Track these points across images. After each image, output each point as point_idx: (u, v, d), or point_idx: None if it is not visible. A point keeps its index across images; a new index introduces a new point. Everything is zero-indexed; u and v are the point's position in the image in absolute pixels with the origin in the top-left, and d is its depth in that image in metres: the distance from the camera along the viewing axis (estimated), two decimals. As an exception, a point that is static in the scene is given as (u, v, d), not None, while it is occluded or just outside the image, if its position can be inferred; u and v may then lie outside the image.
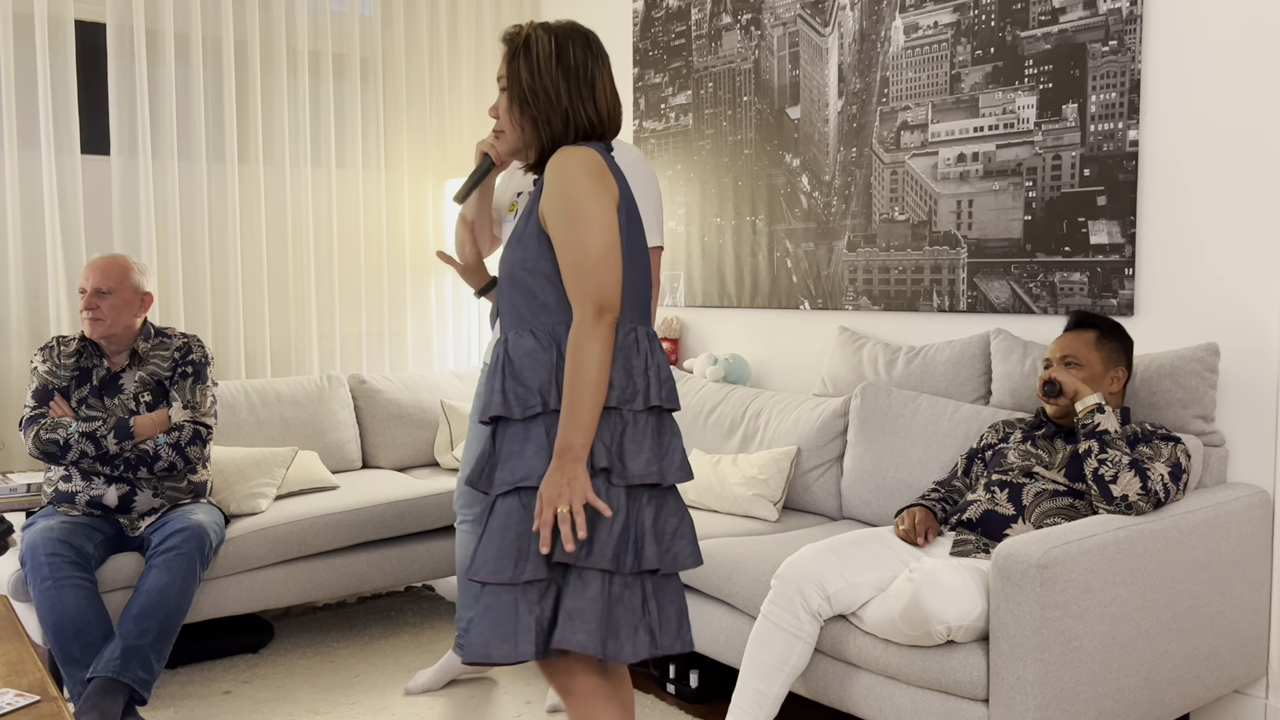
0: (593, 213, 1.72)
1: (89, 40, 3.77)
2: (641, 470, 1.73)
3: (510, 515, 1.72)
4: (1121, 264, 2.75)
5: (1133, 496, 2.24)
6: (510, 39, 1.83)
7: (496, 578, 1.70)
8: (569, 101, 1.80)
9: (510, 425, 1.77)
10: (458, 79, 4.46)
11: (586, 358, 1.69)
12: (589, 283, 1.71)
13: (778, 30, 3.61)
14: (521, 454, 1.73)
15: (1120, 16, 2.71)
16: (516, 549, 1.70)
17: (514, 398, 1.74)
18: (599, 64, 1.82)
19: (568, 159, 1.74)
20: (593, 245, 1.72)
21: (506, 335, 1.80)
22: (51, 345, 2.94)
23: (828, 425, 3.10)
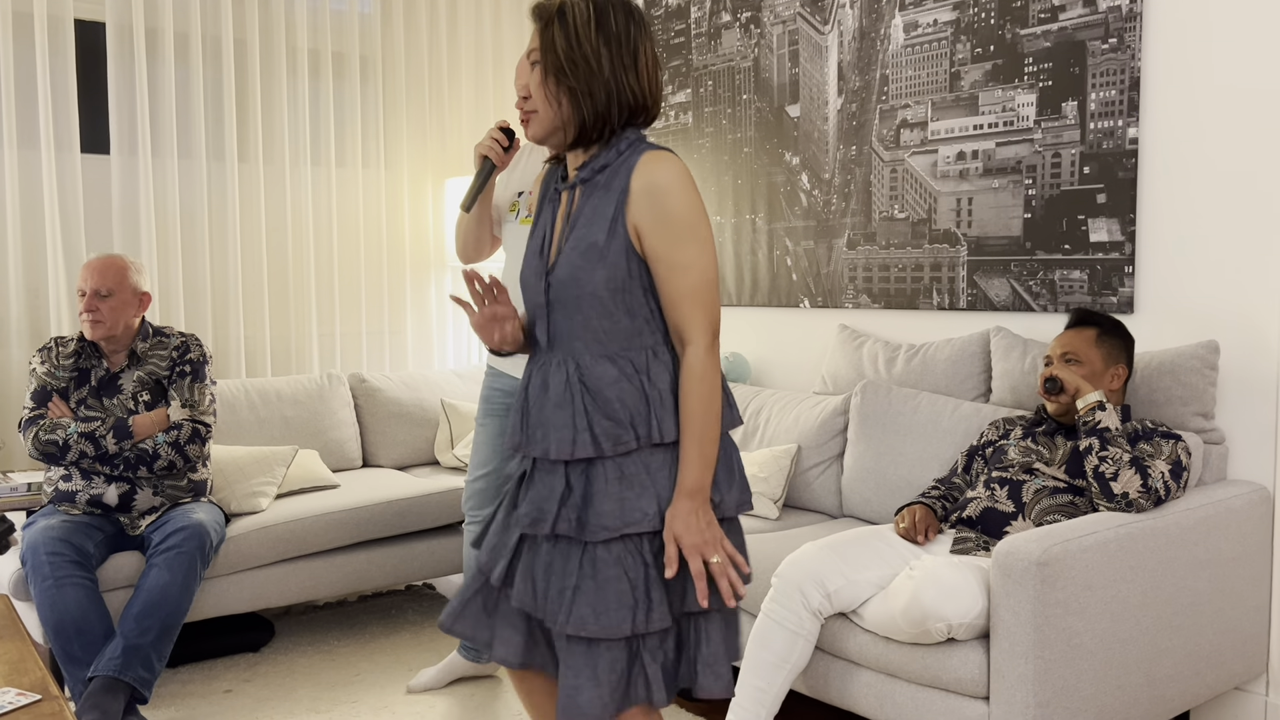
0: (704, 234, 1.58)
1: (88, 39, 3.77)
2: (738, 501, 1.64)
3: (616, 565, 1.56)
4: (1121, 261, 2.75)
5: (1133, 494, 2.24)
6: (542, 8, 1.63)
7: (614, 632, 1.55)
8: (610, 71, 1.59)
9: (597, 464, 1.60)
10: (457, 77, 4.46)
11: (711, 389, 1.56)
12: (704, 309, 1.58)
13: (777, 28, 3.61)
14: (621, 497, 1.57)
15: (1120, 14, 2.71)
16: (633, 599, 1.56)
17: (604, 435, 1.58)
18: (642, 33, 1.62)
19: (667, 169, 1.57)
20: (708, 268, 1.58)
21: (577, 361, 1.61)
22: (50, 346, 2.94)
23: (828, 423, 3.10)
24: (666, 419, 1.59)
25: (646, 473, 1.58)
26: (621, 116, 1.62)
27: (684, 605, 1.59)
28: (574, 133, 1.63)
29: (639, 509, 1.57)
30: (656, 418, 1.58)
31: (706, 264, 1.58)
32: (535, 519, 1.63)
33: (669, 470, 1.59)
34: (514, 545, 1.72)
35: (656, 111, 1.68)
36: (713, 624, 1.61)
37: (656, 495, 1.58)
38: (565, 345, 1.63)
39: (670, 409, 1.59)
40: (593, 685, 1.56)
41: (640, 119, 1.65)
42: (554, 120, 1.63)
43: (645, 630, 1.55)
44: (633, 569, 1.57)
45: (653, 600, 1.56)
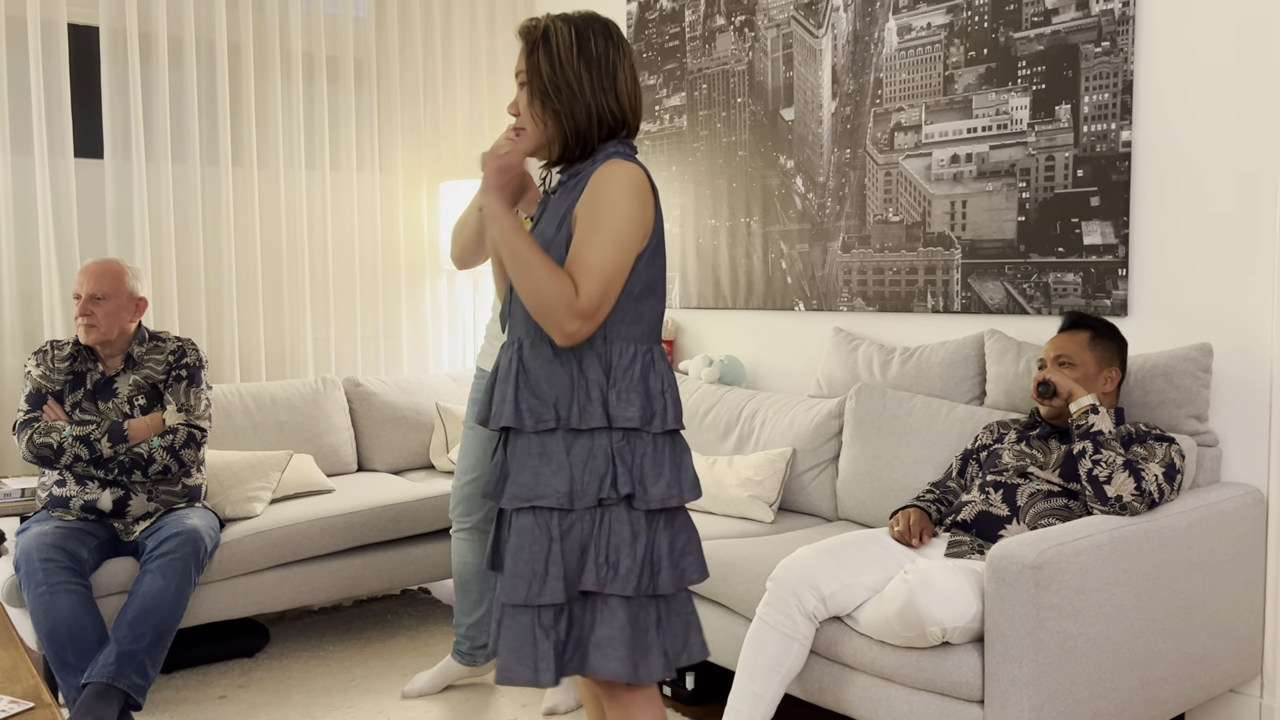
0: (621, 232, 1.67)
1: (82, 43, 3.76)
2: (662, 494, 1.71)
3: (524, 534, 1.68)
4: (1115, 264, 2.75)
5: (1127, 497, 2.24)
6: (528, 32, 1.77)
7: (511, 599, 1.67)
8: (591, 94, 1.73)
9: (521, 437, 1.72)
10: (452, 81, 4.46)
11: (534, 297, 1.65)
12: (588, 283, 1.65)
13: (771, 32, 3.62)
14: (536, 470, 1.69)
15: (1113, 18, 2.72)
16: (531, 570, 1.67)
17: (527, 410, 1.70)
18: (620, 54, 1.76)
19: (616, 173, 1.69)
20: (606, 259, 1.66)
21: (521, 341, 1.75)
22: (45, 349, 2.93)
23: (823, 426, 3.10)
24: (590, 408, 1.69)
25: (565, 453, 1.69)
26: (602, 133, 1.77)
27: (580, 583, 1.68)
28: (558, 150, 1.78)
29: (551, 485, 1.68)
30: (579, 404, 1.69)
31: (607, 258, 1.67)
32: (489, 485, 1.77)
33: (586, 456, 1.69)
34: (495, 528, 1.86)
35: (637, 126, 1.81)
36: (610, 606, 1.68)
37: (570, 476, 1.68)
38: (516, 329, 1.78)
39: (597, 400, 1.69)
40: (507, 652, 1.69)
41: (622, 134, 1.79)
42: (540, 138, 1.77)
43: (537, 601, 1.66)
44: (537, 541, 1.68)
45: (549, 574, 1.67)
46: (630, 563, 1.68)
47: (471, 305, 4.56)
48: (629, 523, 1.69)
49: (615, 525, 1.69)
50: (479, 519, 2.80)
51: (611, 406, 1.69)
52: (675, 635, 1.76)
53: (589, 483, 1.68)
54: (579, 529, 1.69)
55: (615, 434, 1.70)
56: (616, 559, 1.68)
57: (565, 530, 1.69)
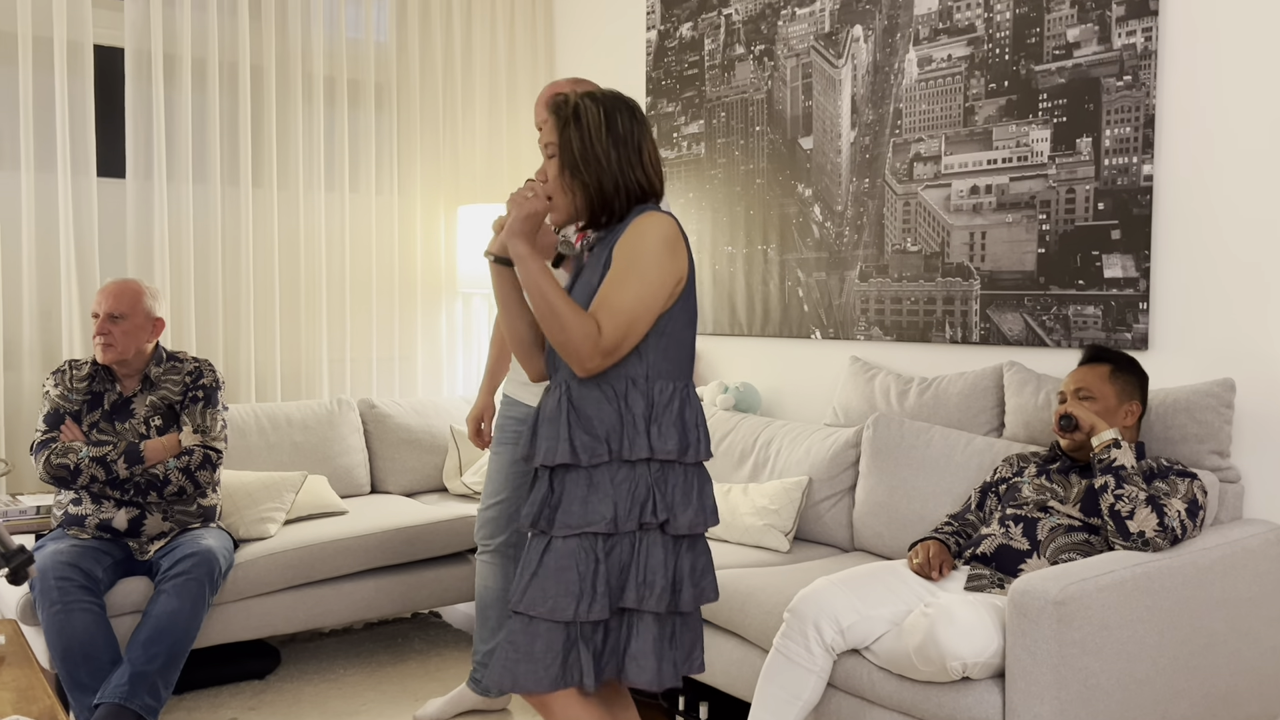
0: (650, 277, 1.82)
1: (107, 64, 3.80)
2: (690, 521, 1.87)
3: (570, 556, 1.82)
4: (1136, 298, 2.74)
5: (1149, 533, 2.22)
6: (559, 109, 1.91)
7: (559, 616, 1.80)
8: (618, 167, 1.88)
9: (573, 471, 1.85)
10: (471, 106, 4.48)
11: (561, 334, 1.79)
12: (612, 324, 1.80)
13: (791, 61, 3.63)
14: (586, 500, 1.82)
15: (1135, 52, 2.72)
16: (579, 589, 1.81)
17: (581, 447, 1.83)
18: (644, 131, 1.92)
19: (650, 221, 1.84)
20: (632, 302, 1.80)
21: (568, 384, 1.89)
22: (64, 369, 2.94)
23: (839, 456, 3.09)
24: (637, 440, 1.83)
25: (611, 484, 1.83)
26: (628, 203, 1.91)
27: (621, 601, 1.84)
28: (585, 218, 1.92)
29: (598, 512, 1.82)
30: (628, 437, 1.83)
31: (633, 301, 1.80)
32: (529, 517, 1.88)
33: (629, 485, 1.83)
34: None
35: (660, 192, 1.96)
36: (644, 622, 1.85)
37: (615, 503, 1.82)
38: (564, 372, 1.91)
39: (642, 432, 1.84)
40: (528, 661, 1.81)
41: (647, 201, 1.93)
42: (569, 207, 1.92)
43: (585, 618, 1.80)
44: (584, 563, 1.82)
45: (596, 593, 1.81)
46: (664, 583, 1.84)
47: (486, 329, 4.57)
48: (662, 546, 1.85)
49: (651, 549, 1.84)
50: (501, 542, 2.79)
51: (654, 439, 1.84)
52: (683, 648, 1.93)
53: (631, 509, 1.83)
54: (619, 551, 1.84)
55: (654, 465, 1.85)
56: (653, 579, 1.83)
57: (608, 552, 1.84)
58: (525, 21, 4.60)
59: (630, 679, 1.85)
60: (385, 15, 4.26)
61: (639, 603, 1.83)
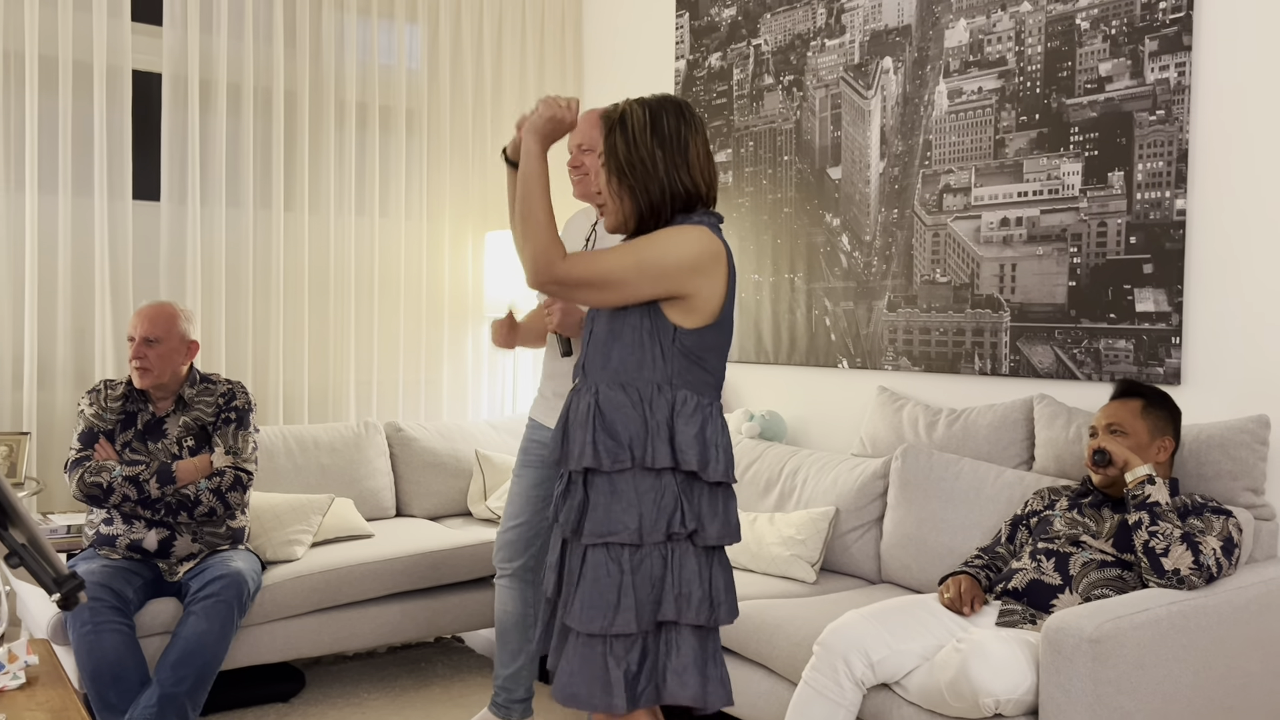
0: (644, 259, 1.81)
1: (144, 89, 3.86)
2: (718, 533, 1.85)
3: (598, 568, 1.81)
4: (1168, 332, 2.73)
5: (1184, 570, 2.20)
6: (607, 116, 1.91)
7: (586, 628, 1.78)
8: (664, 170, 1.86)
9: (598, 477, 1.84)
10: (500, 133, 4.52)
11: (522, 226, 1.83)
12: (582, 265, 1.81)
13: (820, 92, 3.65)
14: (608, 508, 1.81)
15: (1168, 87, 2.72)
16: (605, 601, 1.79)
17: (604, 450, 1.82)
18: (692, 130, 1.88)
19: (692, 232, 1.84)
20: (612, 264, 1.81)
21: (597, 387, 1.87)
22: (99, 389, 2.97)
23: (867, 486, 3.08)
24: (660, 448, 1.82)
25: (634, 492, 1.81)
26: (675, 207, 1.89)
27: (657, 615, 1.80)
28: (634, 223, 1.91)
29: (621, 521, 1.80)
30: (651, 445, 1.82)
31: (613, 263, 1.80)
32: (568, 524, 1.87)
33: (654, 495, 1.82)
34: (558, 557, 1.95)
35: (712, 197, 1.93)
36: (684, 636, 1.82)
37: (639, 513, 1.80)
38: (592, 375, 1.91)
39: (665, 439, 1.82)
40: (568, 675, 1.81)
41: (697, 206, 1.91)
42: (619, 213, 1.91)
43: (610, 631, 1.77)
44: (611, 574, 1.80)
45: (621, 606, 1.78)
46: (700, 593, 1.82)
47: (512, 354, 4.58)
48: (694, 557, 1.84)
49: (685, 559, 1.83)
50: (520, 565, 2.79)
51: (677, 448, 1.82)
52: (724, 666, 1.90)
53: (658, 519, 1.81)
54: (649, 563, 1.81)
55: (679, 475, 1.84)
56: (689, 590, 1.81)
57: (636, 565, 1.81)
58: (554, 50, 4.64)
59: (671, 695, 1.79)
60: (417, 43, 4.31)
61: (678, 615, 1.79)
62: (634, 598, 1.79)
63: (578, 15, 4.72)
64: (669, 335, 1.85)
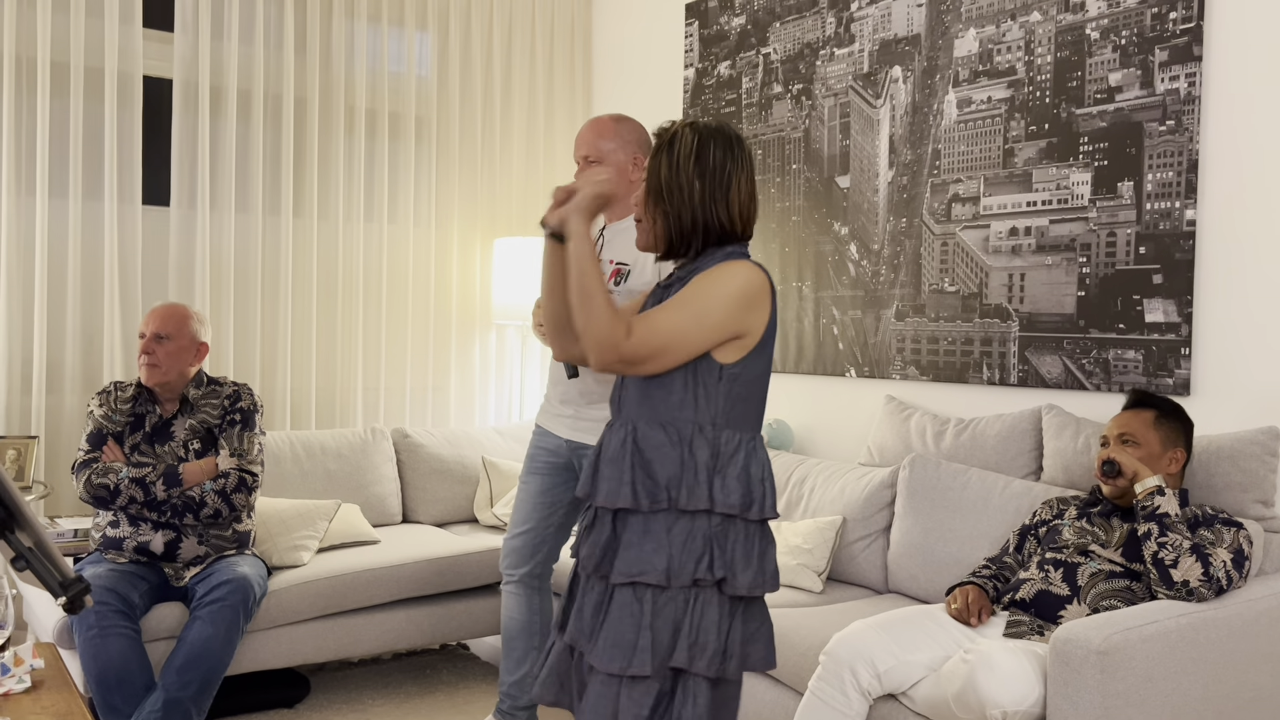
0: (707, 318, 1.75)
1: (155, 95, 3.87)
2: (749, 583, 1.77)
3: (623, 608, 1.75)
4: (1178, 343, 2.72)
5: (1194, 582, 2.19)
6: (659, 135, 1.87)
7: (606, 666, 1.73)
8: (700, 201, 1.81)
9: (631, 516, 1.79)
10: (509, 141, 4.53)
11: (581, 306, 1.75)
12: (645, 336, 1.74)
13: (829, 101, 3.65)
14: (640, 548, 1.76)
15: (1178, 97, 2.72)
16: (626, 640, 1.73)
17: (642, 491, 1.76)
18: (738, 166, 1.83)
19: (735, 268, 1.77)
20: (675, 326, 1.74)
21: (635, 425, 1.82)
22: (109, 390, 2.98)
23: (875, 496, 3.07)
24: (698, 489, 1.76)
25: (666, 533, 1.75)
26: (708, 239, 1.84)
27: (671, 660, 1.74)
28: (664, 247, 1.88)
29: (651, 563, 1.74)
30: (688, 486, 1.76)
31: (676, 325, 1.74)
32: (591, 560, 1.81)
33: (685, 537, 1.75)
34: (569, 589, 1.92)
35: (748, 234, 1.88)
36: (700, 687, 1.75)
37: (669, 555, 1.74)
38: (628, 412, 1.85)
39: (704, 482, 1.76)
40: (589, 715, 1.76)
41: (731, 241, 1.86)
42: (650, 234, 1.88)
43: (627, 672, 1.71)
44: (633, 614, 1.74)
45: (639, 647, 1.73)
46: (716, 646, 1.74)
47: (519, 360, 4.59)
48: (717, 606, 1.76)
49: (706, 608, 1.75)
50: (526, 572, 2.79)
51: (715, 490, 1.76)
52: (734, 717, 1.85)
53: (685, 563, 1.74)
54: (672, 607, 1.75)
55: (714, 518, 1.77)
56: (705, 640, 1.74)
57: (659, 607, 1.75)
58: (564, 58, 4.65)
59: None
60: (427, 51, 4.32)
61: (689, 664, 1.73)
62: (651, 639, 1.73)
63: (587, 23, 4.73)
64: (714, 374, 1.79)
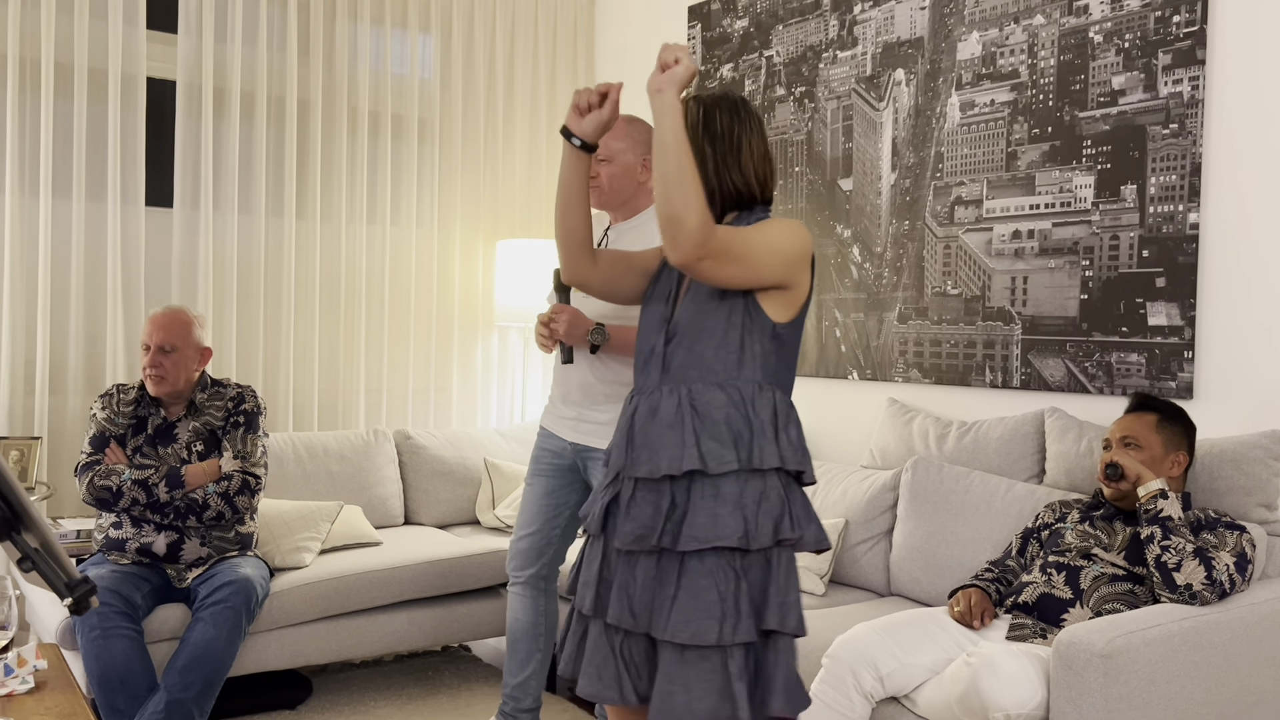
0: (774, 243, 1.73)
1: (159, 97, 3.88)
2: (816, 538, 1.76)
3: (707, 575, 1.69)
4: (1181, 346, 2.72)
5: (1197, 586, 2.19)
6: None
7: (701, 639, 1.66)
8: (713, 169, 1.81)
9: (697, 480, 1.73)
10: (512, 142, 4.54)
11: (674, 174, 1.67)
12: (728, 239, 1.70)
13: (831, 103, 3.65)
14: (714, 512, 1.70)
15: (1181, 100, 2.72)
16: (721, 610, 1.67)
17: (709, 454, 1.71)
18: (746, 128, 1.82)
19: (791, 222, 1.79)
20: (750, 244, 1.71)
21: (689, 388, 1.77)
22: (111, 393, 2.98)
23: (877, 499, 3.07)
24: (766, 447, 1.73)
25: (739, 494, 1.71)
26: (726, 205, 1.84)
27: (763, 622, 1.70)
28: None
29: (729, 525, 1.69)
30: (758, 445, 1.72)
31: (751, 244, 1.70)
32: (640, 535, 1.74)
33: (758, 497, 1.71)
34: (597, 573, 1.83)
35: (768, 194, 1.86)
36: (788, 646, 1.73)
37: (744, 516, 1.70)
38: (677, 375, 1.80)
39: (771, 439, 1.73)
40: (684, 692, 1.67)
41: (750, 204, 1.85)
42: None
43: (731, 640, 1.66)
44: (723, 581, 1.69)
45: (740, 613, 1.68)
46: (795, 602, 1.73)
47: (521, 362, 4.59)
48: (789, 562, 1.75)
49: (787, 565, 1.74)
50: (532, 574, 2.79)
51: (783, 448, 1.74)
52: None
53: (764, 524, 1.71)
54: (755, 569, 1.72)
55: (783, 475, 1.76)
56: (790, 598, 1.72)
57: (745, 570, 1.71)
58: (567, 60, 4.66)
59: (786, 708, 1.69)
60: (430, 53, 4.33)
61: (780, 624, 1.69)
62: (750, 604, 1.69)
63: (590, 26, 4.74)
64: (768, 333, 1.78)
